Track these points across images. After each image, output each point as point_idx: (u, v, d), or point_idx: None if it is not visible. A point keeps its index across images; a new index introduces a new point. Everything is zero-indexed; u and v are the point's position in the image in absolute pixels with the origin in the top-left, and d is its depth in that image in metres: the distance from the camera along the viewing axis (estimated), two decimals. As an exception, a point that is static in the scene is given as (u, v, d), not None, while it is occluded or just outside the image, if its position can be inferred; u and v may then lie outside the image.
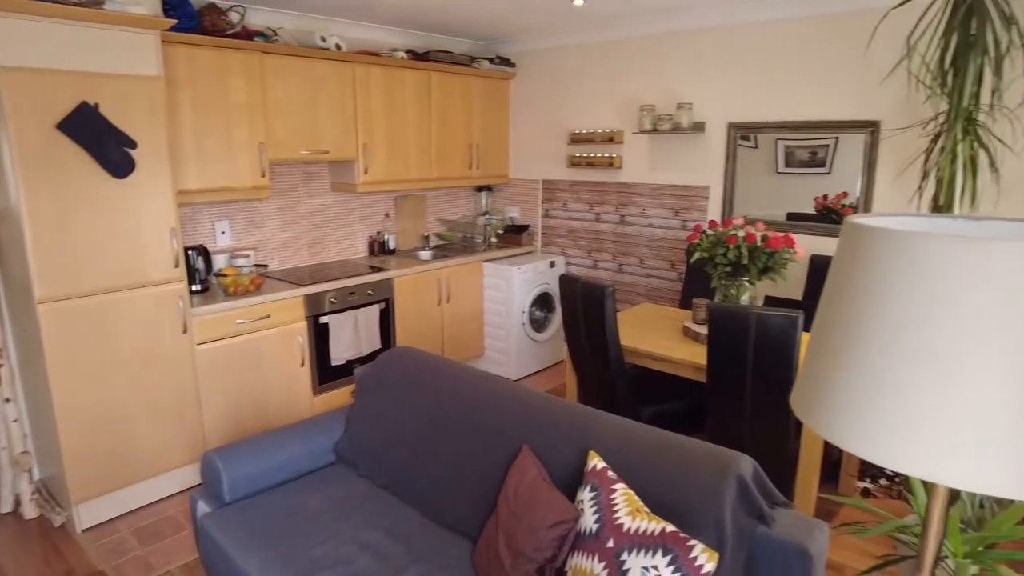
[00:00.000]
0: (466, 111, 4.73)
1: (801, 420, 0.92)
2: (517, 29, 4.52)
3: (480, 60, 4.79)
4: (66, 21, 2.62)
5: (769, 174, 3.84)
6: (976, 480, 0.74)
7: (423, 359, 2.57)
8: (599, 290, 2.83)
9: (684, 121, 3.99)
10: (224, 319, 3.29)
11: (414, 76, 4.33)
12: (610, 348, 2.87)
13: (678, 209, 4.27)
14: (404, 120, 4.31)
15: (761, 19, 3.71)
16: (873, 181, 3.47)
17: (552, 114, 4.86)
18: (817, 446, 2.58)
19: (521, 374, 4.71)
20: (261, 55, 3.51)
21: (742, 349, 2.46)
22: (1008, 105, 2.76)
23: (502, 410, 2.14)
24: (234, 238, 3.89)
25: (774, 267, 2.80)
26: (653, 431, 1.88)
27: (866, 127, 3.44)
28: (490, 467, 2.04)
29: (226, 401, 3.36)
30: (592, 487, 1.66)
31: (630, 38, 4.30)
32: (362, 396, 2.60)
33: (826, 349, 0.89)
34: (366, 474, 2.42)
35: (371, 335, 3.97)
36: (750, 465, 1.70)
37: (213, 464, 2.28)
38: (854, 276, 0.85)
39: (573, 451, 1.88)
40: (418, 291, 4.25)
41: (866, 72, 3.39)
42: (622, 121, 4.46)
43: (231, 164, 3.45)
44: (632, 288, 4.62)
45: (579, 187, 4.79)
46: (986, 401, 0.73)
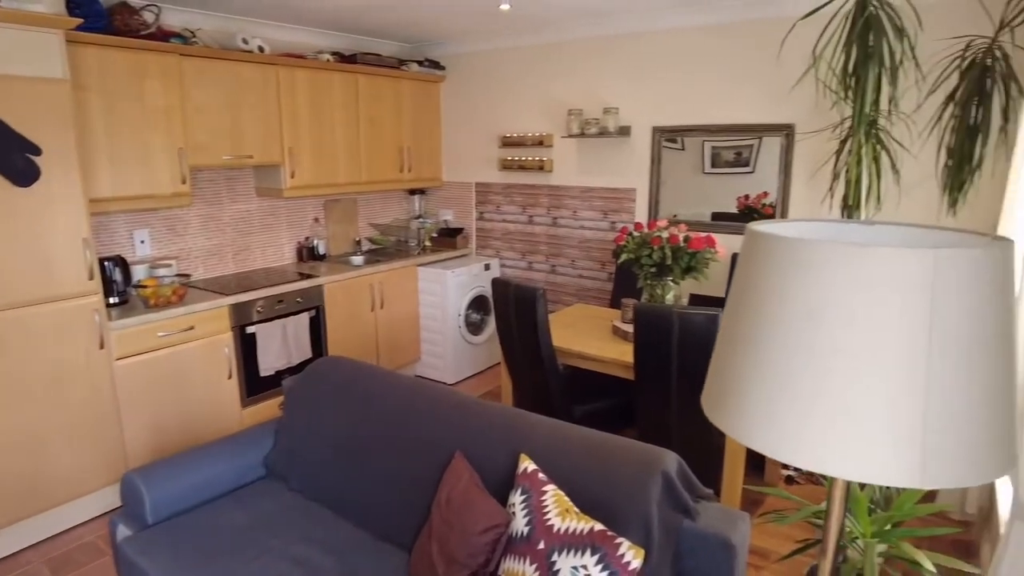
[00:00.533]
0: (396, 114, 4.69)
1: (709, 419, 0.97)
2: (446, 32, 4.52)
3: (409, 63, 4.76)
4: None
5: (696, 174, 3.97)
6: (864, 471, 0.80)
7: (353, 368, 2.54)
8: (531, 293, 2.87)
9: (610, 125, 4.08)
10: (145, 332, 3.16)
11: (341, 79, 4.26)
12: (543, 350, 2.91)
13: (607, 211, 4.37)
14: (332, 123, 4.24)
15: (683, 25, 3.83)
16: (790, 182, 3.64)
17: (483, 117, 4.88)
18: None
19: (458, 377, 4.71)
20: (179, 57, 3.38)
21: (667, 347, 2.54)
22: (905, 111, 2.95)
23: (435, 417, 2.14)
24: (154, 247, 3.74)
25: (696, 267, 2.90)
26: (583, 431, 1.92)
27: (782, 130, 3.61)
28: (423, 475, 2.04)
29: (149, 418, 3.22)
30: (523, 490, 1.68)
31: (557, 42, 4.37)
32: (291, 408, 2.54)
33: (729, 350, 0.93)
34: (297, 487, 2.37)
35: (301, 344, 3.89)
36: (675, 461, 1.76)
37: (134, 485, 2.19)
38: (754, 280, 0.90)
39: (505, 455, 1.90)
40: (350, 297, 4.19)
41: (780, 78, 3.55)
42: (551, 125, 4.52)
43: (149, 170, 3.32)
44: (564, 289, 4.69)
45: (512, 190, 4.83)
46: (869, 396, 0.78)
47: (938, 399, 0.77)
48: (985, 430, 0.79)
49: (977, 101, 2.60)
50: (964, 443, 0.78)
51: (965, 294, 0.77)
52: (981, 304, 0.78)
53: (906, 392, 0.77)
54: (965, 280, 0.77)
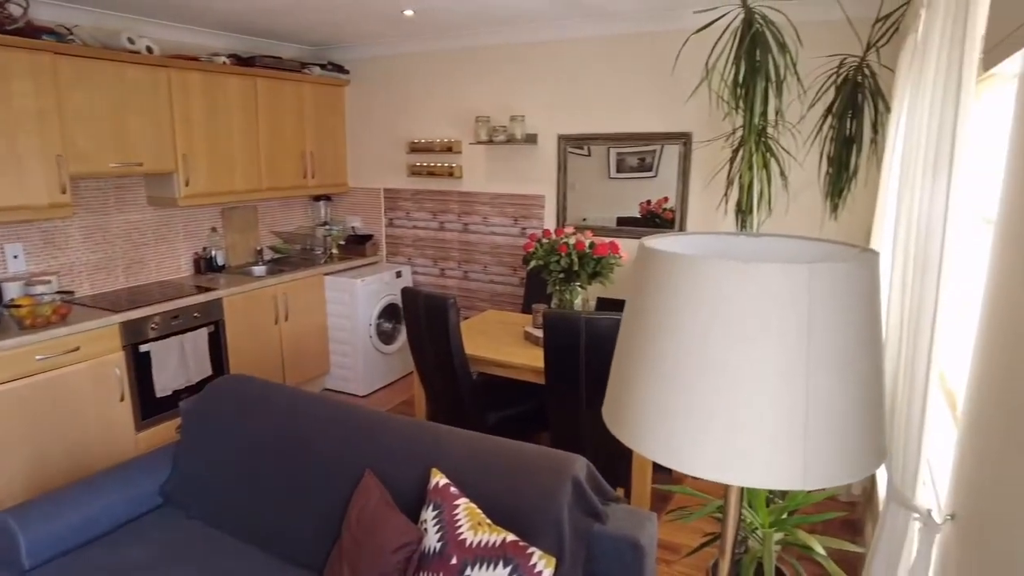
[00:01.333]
0: (298, 119, 4.54)
1: (612, 432, 0.99)
2: (350, 36, 4.42)
3: (312, 66, 4.63)
4: None
5: (602, 179, 4.07)
6: (754, 477, 0.84)
7: (256, 386, 2.43)
8: (442, 302, 2.85)
9: (517, 132, 4.12)
10: (20, 356, 2.89)
11: (238, 82, 4.08)
12: (455, 358, 2.90)
13: (517, 217, 4.41)
14: (229, 129, 4.05)
15: (585, 35, 3.92)
16: (688, 188, 3.81)
17: (390, 122, 4.81)
18: (649, 437, 2.77)
19: (371, 389, 4.62)
20: (53, 56, 3.13)
21: (575, 351, 2.59)
22: (790, 121, 3.15)
23: (343, 434, 2.08)
24: (30, 262, 3.44)
25: (602, 272, 2.98)
26: (494, 441, 1.92)
27: (680, 138, 3.77)
28: (333, 495, 1.98)
29: (28, 449, 2.96)
30: (435, 505, 1.66)
31: (463, 49, 4.37)
32: (190, 430, 2.40)
33: (627, 364, 0.96)
34: (198, 515, 2.24)
35: (200, 362, 3.69)
36: (584, 466, 1.79)
37: (5, 526, 2.00)
38: (648, 296, 0.92)
39: (417, 470, 1.87)
40: (252, 310, 4.01)
41: (677, 89, 3.71)
42: (460, 131, 4.51)
43: (20, 179, 3.05)
44: (477, 295, 4.69)
45: (421, 196, 4.79)
46: (757, 406, 0.82)
47: (817, 405, 0.82)
48: (859, 430, 0.85)
49: (851, 114, 2.81)
50: (841, 444, 0.84)
51: (837, 304, 0.83)
52: (852, 313, 0.84)
53: (789, 401, 0.82)
54: (837, 292, 0.83)
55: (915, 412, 1.45)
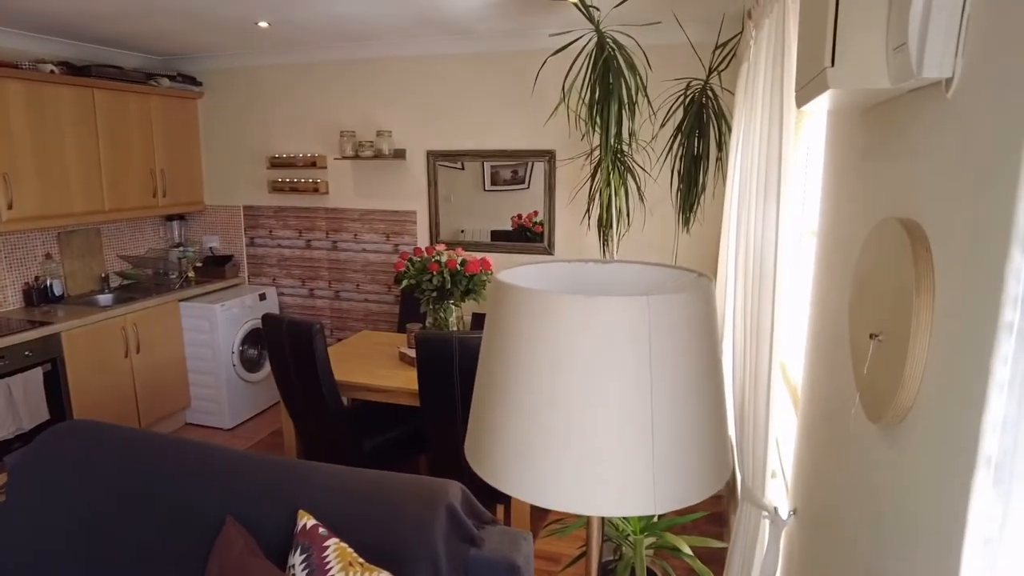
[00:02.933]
0: (144, 133, 4.20)
1: (475, 471, 0.98)
2: (201, 46, 4.16)
3: (159, 77, 4.30)
4: None
5: (478, 192, 4.10)
6: (608, 507, 0.86)
7: (99, 431, 2.20)
8: (307, 329, 2.73)
9: (385, 148, 4.06)
10: None
11: (72, 93, 3.71)
12: (324, 388, 2.79)
13: (389, 233, 4.33)
14: (61, 144, 3.67)
15: (447, 52, 3.94)
16: (554, 203, 3.92)
17: (249, 137, 4.57)
18: (526, 450, 2.81)
19: (237, 421, 4.34)
20: None
21: (449, 371, 2.58)
22: (643, 140, 3.33)
23: (201, 480, 1.93)
24: None
25: (475, 289, 2.99)
26: (365, 474, 1.86)
27: (544, 155, 3.87)
28: (191, 549, 1.82)
29: None
30: (302, 548, 1.58)
31: (323, 62, 4.24)
32: (16, 490, 2.13)
33: (486, 399, 0.96)
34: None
35: (34, 407, 3.30)
36: (459, 491, 1.78)
37: None
38: (502, 329, 0.93)
39: (283, 512, 1.77)
40: (97, 344, 3.65)
41: (539, 108, 3.81)
42: (324, 146, 4.38)
43: None
44: (351, 315, 4.56)
45: (285, 213, 4.58)
46: (607, 438, 0.85)
47: (662, 432, 0.86)
48: (702, 451, 0.90)
49: (698, 133, 3.02)
50: (686, 467, 0.89)
51: (675, 332, 0.87)
52: (689, 339, 0.89)
53: (636, 429, 0.85)
54: (674, 320, 0.87)
55: (760, 414, 1.57)
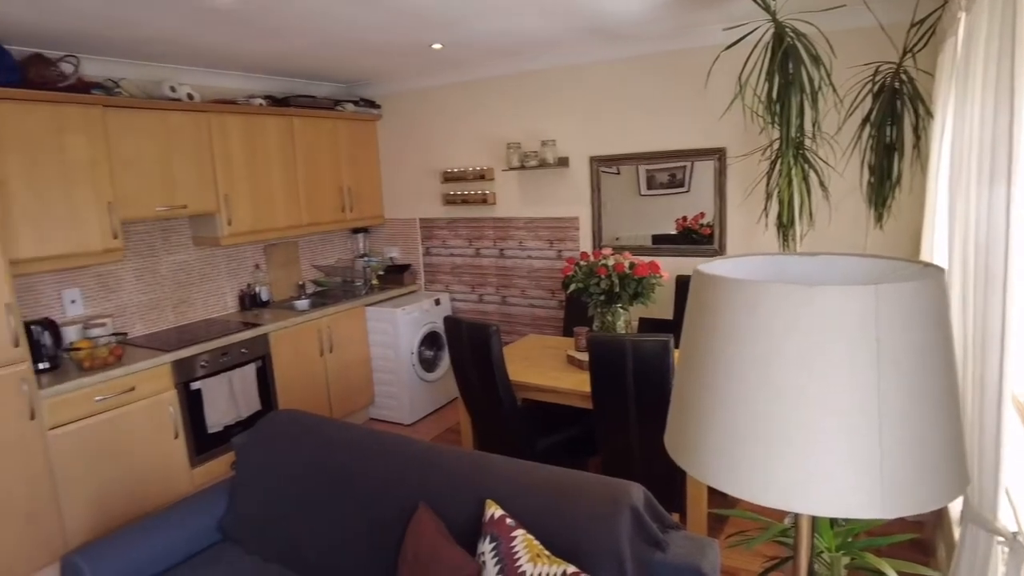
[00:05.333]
0: (334, 154, 4.65)
1: (675, 461, 0.98)
2: (380, 71, 4.53)
3: (344, 103, 4.74)
4: None
5: (633, 197, 4.06)
6: (827, 505, 0.82)
7: (303, 421, 2.46)
8: (484, 331, 2.86)
9: (549, 157, 4.15)
10: (80, 398, 2.99)
11: (275, 122, 4.20)
12: (500, 387, 2.90)
13: (553, 240, 4.42)
14: (268, 168, 4.17)
15: (609, 58, 3.95)
16: (725, 203, 3.77)
17: (422, 154, 4.89)
18: (700, 458, 2.72)
19: (415, 417, 4.63)
20: (102, 109, 3.27)
21: (622, 374, 2.57)
22: (827, 132, 3.11)
23: (394, 467, 2.09)
24: (87, 306, 3.56)
25: (643, 293, 2.96)
26: (547, 470, 1.91)
27: (714, 154, 3.74)
28: (386, 529, 1.98)
29: (91, 489, 3.04)
30: (492, 537, 1.65)
31: (491, 78, 4.43)
32: (243, 466, 2.44)
33: (688, 393, 0.95)
34: (255, 550, 2.27)
35: (249, 397, 3.76)
36: (641, 493, 1.77)
37: (75, 567, 2.05)
38: (706, 322, 0.91)
39: (470, 502, 1.87)
40: (297, 344, 4.08)
41: (708, 105, 3.69)
42: (491, 158, 4.56)
43: (76, 227, 3.17)
44: (517, 319, 4.70)
45: (457, 224, 4.84)
46: (827, 433, 0.81)
47: (891, 430, 0.80)
48: (938, 455, 0.83)
49: (891, 121, 2.76)
50: (919, 470, 0.81)
51: (907, 325, 0.81)
52: (922, 333, 0.82)
53: (861, 426, 0.80)
54: (906, 312, 0.81)
55: (989, 431, 1.40)
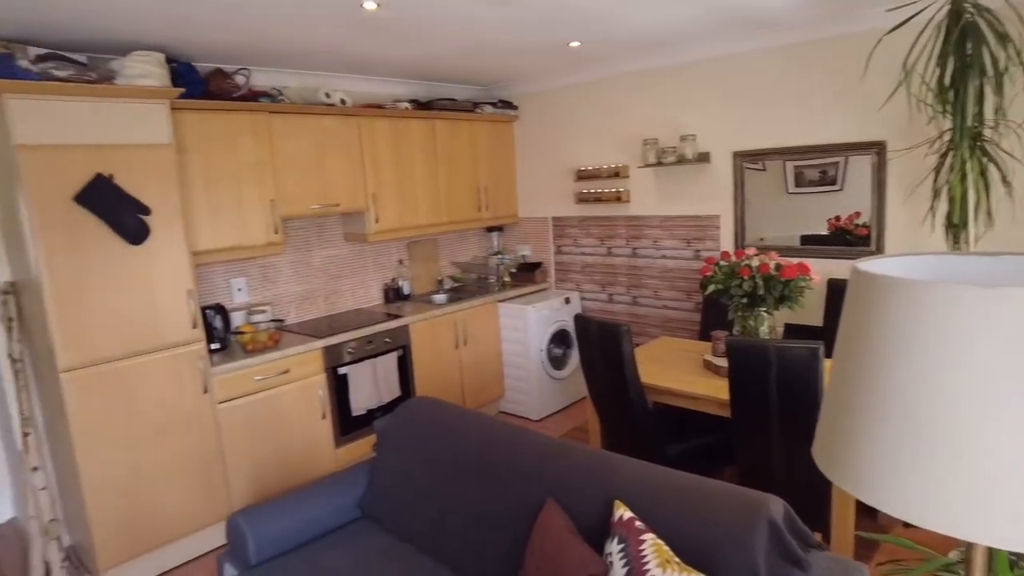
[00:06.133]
0: (472, 155, 4.80)
1: (825, 474, 0.90)
2: (517, 73, 4.60)
3: (483, 105, 4.87)
4: (81, 98, 2.71)
5: (779, 195, 3.83)
6: (1008, 537, 0.72)
7: (440, 409, 2.56)
8: (615, 330, 2.82)
9: (688, 152, 4.01)
10: (243, 376, 3.31)
11: (419, 125, 4.40)
12: (631, 388, 2.85)
13: (690, 239, 4.27)
14: (412, 168, 4.38)
15: (756, 48, 3.75)
16: (884, 201, 3.45)
17: (557, 152, 4.91)
18: (848, 477, 2.51)
19: (543, 413, 4.68)
20: (268, 115, 3.59)
21: (764, 382, 2.43)
22: (1015, 119, 2.75)
23: (523, 460, 2.12)
24: (250, 294, 3.94)
25: (791, 296, 2.78)
26: (679, 475, 1.84)
27: (871, 148, 3.44)
28: (515, 520, 2.01)
29: (250, 458, 3.36)
30: (620, 538, 1.63)
31: (626, 74, 4.36)
32: (382, 449, 2.58)
33: (844, 401, 0.87)
34: (391, 529, 2.39)
35: (390, 383, 3.97)
36: (781, 506, 1.66)
37: (238, 527, 2.27)
38: (867, 326, 0.83)
39: (598, 500, 1.85)
40: (435, 336, 4.26)
41: (866, 94, 3.40)
42: (626, 156, 4.49)
43: (244, 222, 3.51)
44: (648, 321, 4.59)
45: (589, 222, 4.81)
46: (1012, 454, 0.71)
47: (1098, 457, 0.69)
48: None
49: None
50: None
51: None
52: None
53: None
54: (1122, 321, 0.69)
55: None
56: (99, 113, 2.77)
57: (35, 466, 3.04)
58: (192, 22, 2.81)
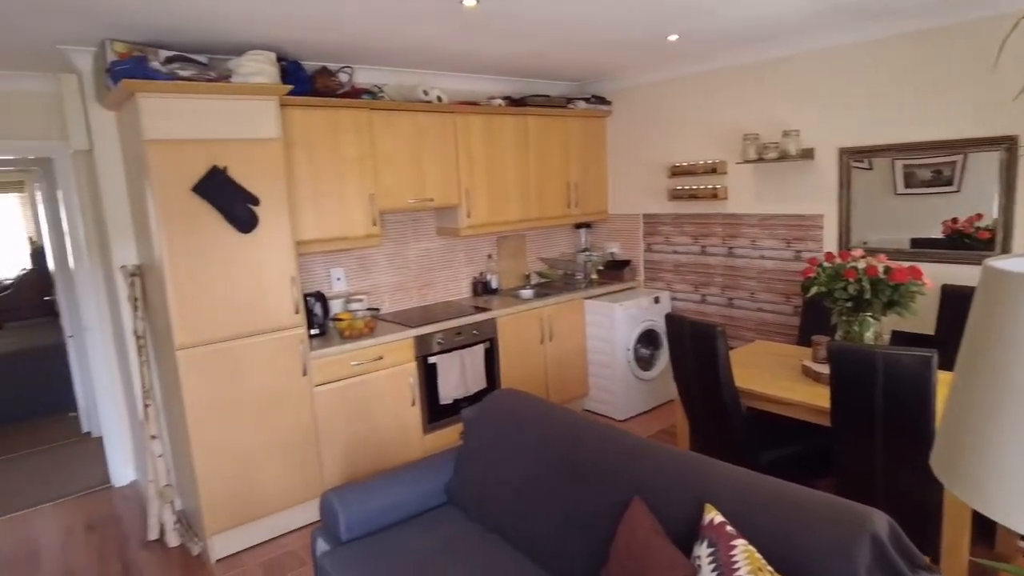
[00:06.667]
0: (563, 151, 4.78)
1: (944, 485, 0.84)
2: (612, 68, 4.55)
3: (576, 101, 4.85)
4: (200, 96, 2.91)
5: (887, 196, 3.60)
6: None
7: (527, 402, 2.57)
8: (709, 330, 2.73)
9: (791, 148, 3.83)
10: (340, 361, 3.46)
11: (512, 122, 4.44)
12: (724, 390, 2.76)
13: (790, 239, 4.08)
14: (504, 164, 4.42)
15: (864, 39, 3.52)
16: (1013, 201, 3.17)
17: (650, 148, 4.82)
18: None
19: (628, 414, 4.61)
20: (369, 111, 3.72)
21: (869, 392, 2.29)
22: None
23: (610, 457, 2.10)
24: (348, 284, 4.11)
25: (900, 301, 2.60)
26: (775, 482, 1.77)
27: (1000, 143, 3.16)
28: (600, 516, 1.99)
29: (342, 439, 3.51)
30: (710, 542, 1.58)
31: (727, 68, 4.22)
32: (470, 438, 2.63)
33: (970, 407, 0.81)
34: (476, 517, 2.43)
35: (477, 374, 4.03)
36: (886, 522, 1.56)
37: (331, 504, 2.37)
38: (999, 326, 0.77)
39: (686, 502, 1.80)
40: (521, 330, 4.29)
41: (995, 85, 3.13)
42: (724, 151, 4.35)
43: (344, 215, 3.66)
44: (742, 323, 4.43)
45: (682, 220, 4.70)
46: None
47: None
48: None
49: None
50: None
51: None
52: None
53: None
54: None
55: None
56: (216, 109, 2.96)
57: (153, 434, 3.31)
58: (301, 22, 2.95)
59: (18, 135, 3.59)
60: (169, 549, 3.30)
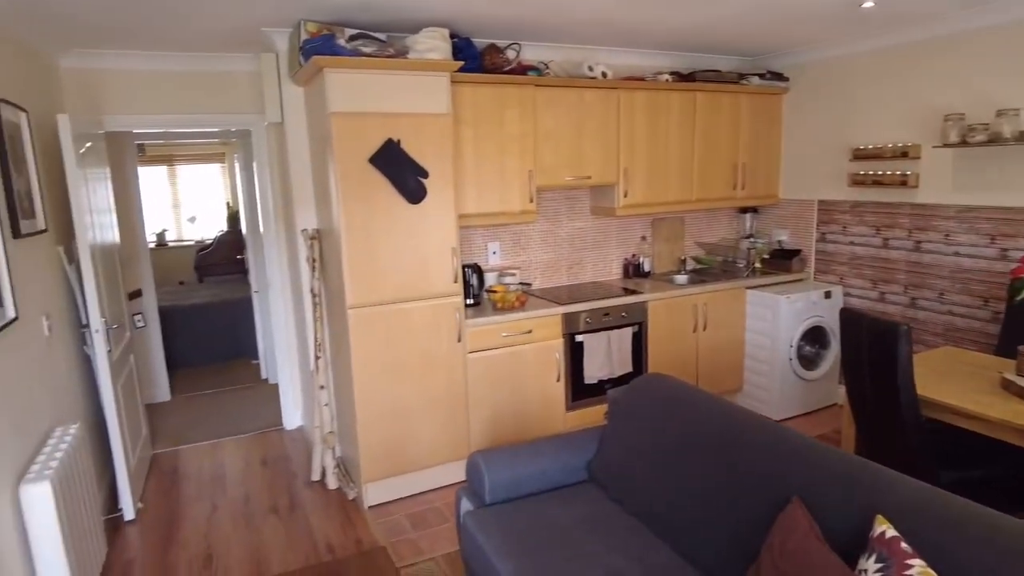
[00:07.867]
0: (732, 130, 4.52)
1: None
2: (790, 42, 4.21)
3: (750, 77, 4.56)
4: (379, 71, 3.08)
5: None
6: None
7: (678, 388, 2.49)
8: (891, 329, 2.47)
9: (1006, 131, 3.33)
10: (491, 331, 3.56)
11: (679, 98, 4.27)
12: (902, 397, 2.48)
13: (995, 235, 3.56)
14: (666, 143, 4.27)
15: None
16: None
17: (831, 129, 4.42)
18: None
19: (784, 415, 4.31)
20: (533, 88, 3.75)
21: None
22: None
23: (766, 453, 1.97)
24: (503, 258, 4.20)
25: None
26: (965, 503, 1.56)
27: None
28: (749, 512, 1.88)
29: (489, 406, 3.62)
30: (879, 557, 1.43)
31: (929, 39, 3.73)
32: (615, 419, 2.59)
33: None
34: (616, 498, 2.40)
35: (623, 357, 3.98)
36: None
37: (478, 465, 2.46)
38: None
39: (851, 510, 1.65)
40: (672, 316, 4.15)
41: None
42: (918, 134, 3.88)
43: (504, 191, 3.74)
44: (927, 327, 3.97)
45: (863, 208, 4.27)
46: None
47: None
48: None
49: None
50: None
51: None
52: None
53: None
54: None
55: None
56: (392, 84, 3.13)
57: (322, 385, 3.62)
58: (476, -2, 3.01)
59: (228, 109, 4.07)
60: (328, 491, 3.61)
